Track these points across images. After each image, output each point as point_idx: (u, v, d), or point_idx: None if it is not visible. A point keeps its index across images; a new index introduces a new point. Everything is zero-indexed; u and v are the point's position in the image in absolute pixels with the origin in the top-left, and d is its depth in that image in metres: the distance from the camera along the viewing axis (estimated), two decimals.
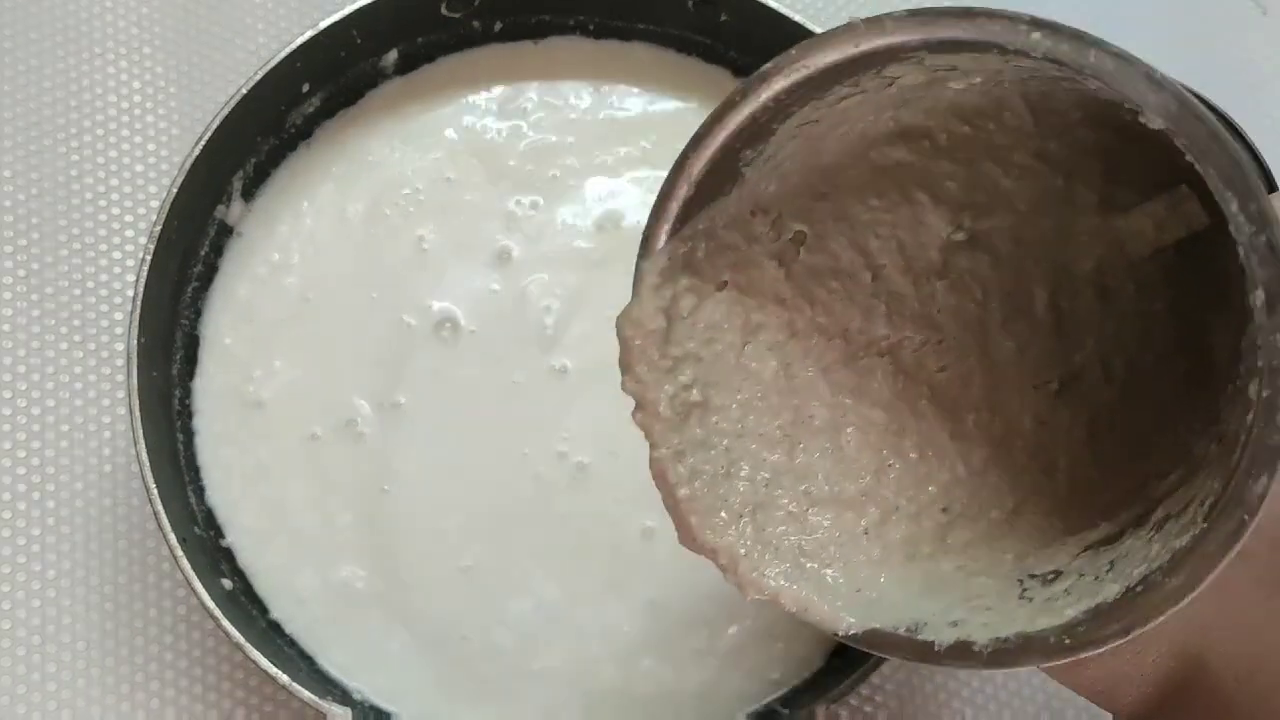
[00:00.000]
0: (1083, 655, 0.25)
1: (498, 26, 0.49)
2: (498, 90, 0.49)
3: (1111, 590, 0.25)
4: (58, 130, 0.50)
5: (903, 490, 0.32)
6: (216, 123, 0.43)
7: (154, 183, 0.50)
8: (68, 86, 0.51)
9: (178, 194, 0.42)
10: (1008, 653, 0.26)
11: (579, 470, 0.43)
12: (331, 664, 0.42)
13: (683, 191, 0.30)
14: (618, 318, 0.30)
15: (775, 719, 0.41)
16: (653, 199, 0.43)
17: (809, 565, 0.30)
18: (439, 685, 0.41)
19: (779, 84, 0.28)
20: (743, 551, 0.30)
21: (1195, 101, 0.24)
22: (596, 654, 0.42)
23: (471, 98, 0.49)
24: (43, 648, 0.44)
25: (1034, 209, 0.32)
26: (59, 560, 0.45)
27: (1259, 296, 0.23)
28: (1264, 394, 0.23)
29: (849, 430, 0.32)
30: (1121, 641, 0.24)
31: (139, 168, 0.50)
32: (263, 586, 0.42)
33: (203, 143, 0.43)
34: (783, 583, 0.29)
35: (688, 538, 0.30)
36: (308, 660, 0.42)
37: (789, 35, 0.46)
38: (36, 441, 0.46)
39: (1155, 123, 0.24)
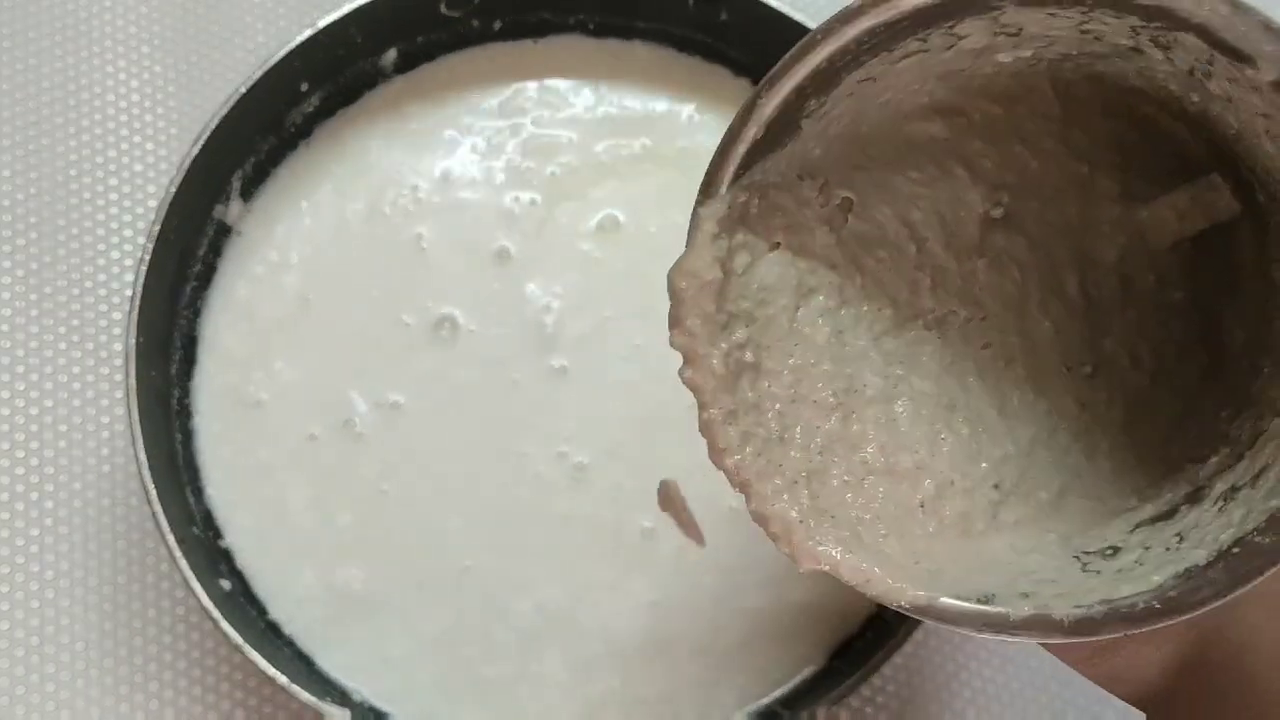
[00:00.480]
0: (1174, 620, 0.24)
1: (497, 25, 0.49)
2: (497, 89, 0.49)
3: (1199, 554, 0.25)
4: (56, 129, 0.50)
5: (956, 465, 0.31)
6: (215, 122, 0.43)
7: (153, 182, 0.50)
8: (66, 86, 0.51)
9: (176, 193, 0.42)
10: (1092, 621, 0.25)
11: (578, 470, 0.43)
12: (330, 665, 0.42)
13: (751, 133, 0.27)
14: (670, 270, 0.28)
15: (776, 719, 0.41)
16: (653, 197, 0.43)
17: (867, 536, 0.29)
18: (438, 686, 0.41)
19: (866, 22, 0.26)
20: (798, 519, 0.28)
21: None
22: (596, 654, 0.42)
23: (471, 97, 0.49)
24: (41, 648, 0.44)
25: (1060, 195, 0.31)
26: (57, 560, 0.45)
27: None
28: None
29: (901, 401, 0.31)
30: (1220, 603, 0.24)
31: (138, 167, 0.50)
32: (261, 587, 0.42)
33: (201, 142, 0.43)
34: (842, 552, 0.27)
35: (748, 504, 0.28)
36: (306, 661, 0.41)
37: (789, 34, 0.46)
38: (35, 441, 0.46)
39: (1269, 74, 0.24)
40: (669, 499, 0.42)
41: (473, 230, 0.46)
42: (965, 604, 0.26)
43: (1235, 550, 0.24)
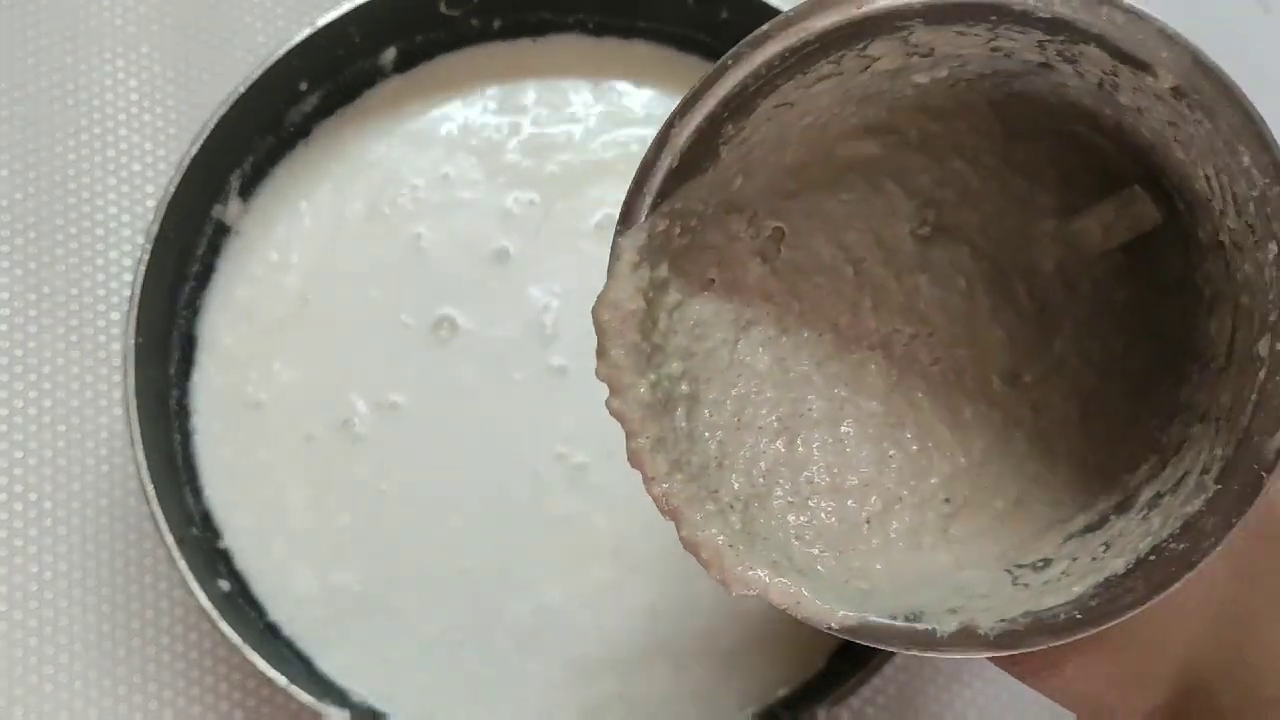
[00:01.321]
0: (1094, 630, 0.25)
1: (497, 24, 0.49)
2: (497, 88, 0.49)
3: (1118, 564, 0.25)
4: (55, 129, 0.50)
5: (904, 481, 0.31)
6: (214, 121, 0.43)
7: (151, 182, 0.50)
8: (65, 85, 0.51)
9: (175, 193, 0.42)
10: (1015, 634, 0.25)
11: (578, 471, 0.43)
12: (329, 666, 0.42)
13: (666, 162, 0.28)
14: (594, 304, 0.29)
15: None
16: None
17: (799, 557, 0.29)
18: (437, 687, 0.41)
19: (775, 47, 0.27)
20: (727, 544, 0.28)
21: (1207, 56, 0.24)
22: (596, 656, 0.42)
23: (470, 96, 0.48)
24: (39, 648, 0.43)
25: (1001, 209, 0.32)
26: (56, 561, 0.45)
27: (1272, 250, 0.23)
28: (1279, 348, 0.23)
29: (847, 422, 0.32)
30: (1136, 612, 0.24)
31: (136, 166, 0.50)
32: (260, 588, 0.42)
33: (200, 141, 0.43)
34: (771, 575, 0.28)
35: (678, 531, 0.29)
36: (305, 662, 0.41)
37: None
38: (34, 442, 0.46)
39: (1167, 80, 0.24)
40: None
41: (472, 230, 0.46)
42: (893, 622, 0.27)
43: (1151, 558, 0.25)
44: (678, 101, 0.28)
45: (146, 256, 0.41)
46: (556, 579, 0.42)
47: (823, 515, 0.30)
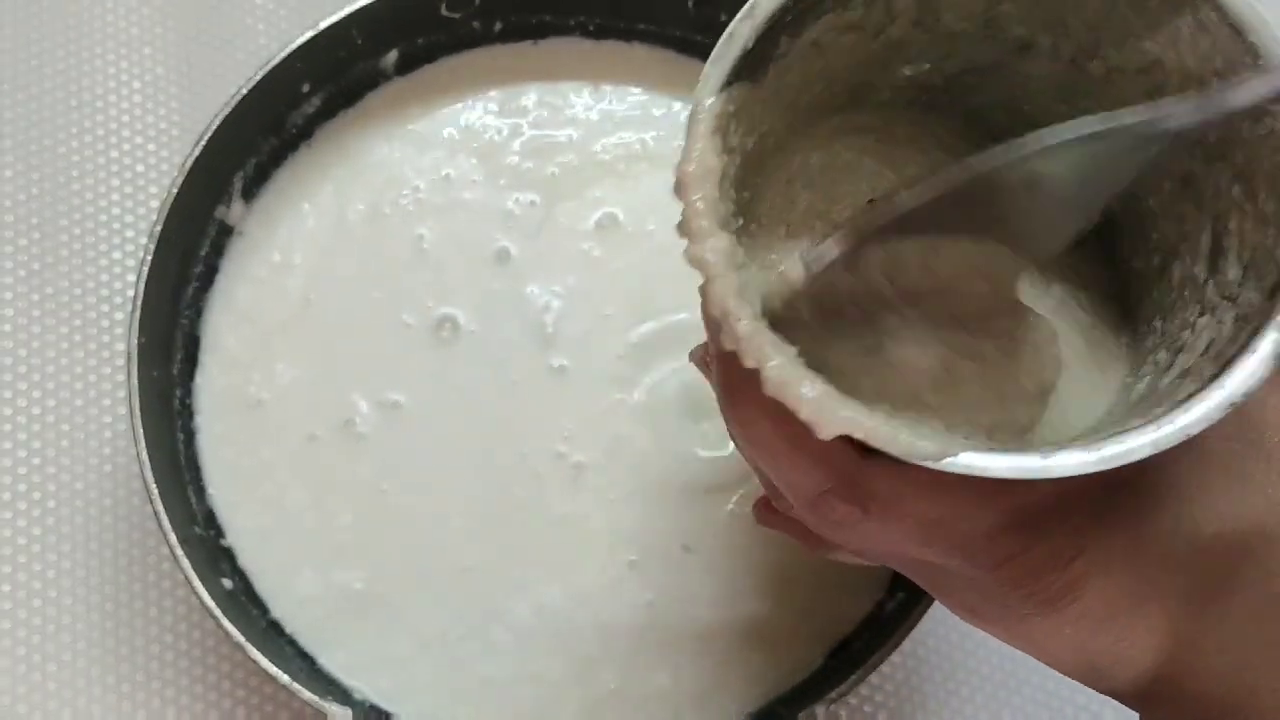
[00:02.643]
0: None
1: (498, 27, 0.49)
2: (498, 90, 0.49)
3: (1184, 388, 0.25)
4: (58, 130, 0.50)
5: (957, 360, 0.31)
6: (217, 123, 0.43)
7: (154, 183, 0.50)
8: (68, 87, 0.51)
9: (178, 194, 0.42)
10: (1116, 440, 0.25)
11: (577, 470, 0.43)
12: (332, 664, 0.42)
13: (743, 38, 0.28)
14: (678, 161, 0.28)
15: (775, 719, 0.41)
16: (651, 196, 0.44)
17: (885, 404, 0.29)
18: (439, 685, 0.42)
19: None
20: (822, 383, 0.26)
21: None
22: (595, 655, 0.42)
23: (471, 98, 0.49)
24: (43, 647, 0.44)
25: None
26: (59, 560, 0.45)
27: None
28: None
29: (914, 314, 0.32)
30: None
31: (139, 168, 0.50)
32: (263, 586, 0.42)
33: (203, 143, 0.43)
34: (864, 415, 0.26)
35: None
36: (308, 660, 0.42)
37: None
38: (37, 441, 0.46)
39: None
40: None
41: (473, 230, 0.46)
42: (997, 452, 0.25)
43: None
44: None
45: (149, 257, 0.41)
46: (556, 578, 0.42)
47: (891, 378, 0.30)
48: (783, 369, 0.26)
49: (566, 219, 0.47)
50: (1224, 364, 0.25)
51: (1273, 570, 0.26)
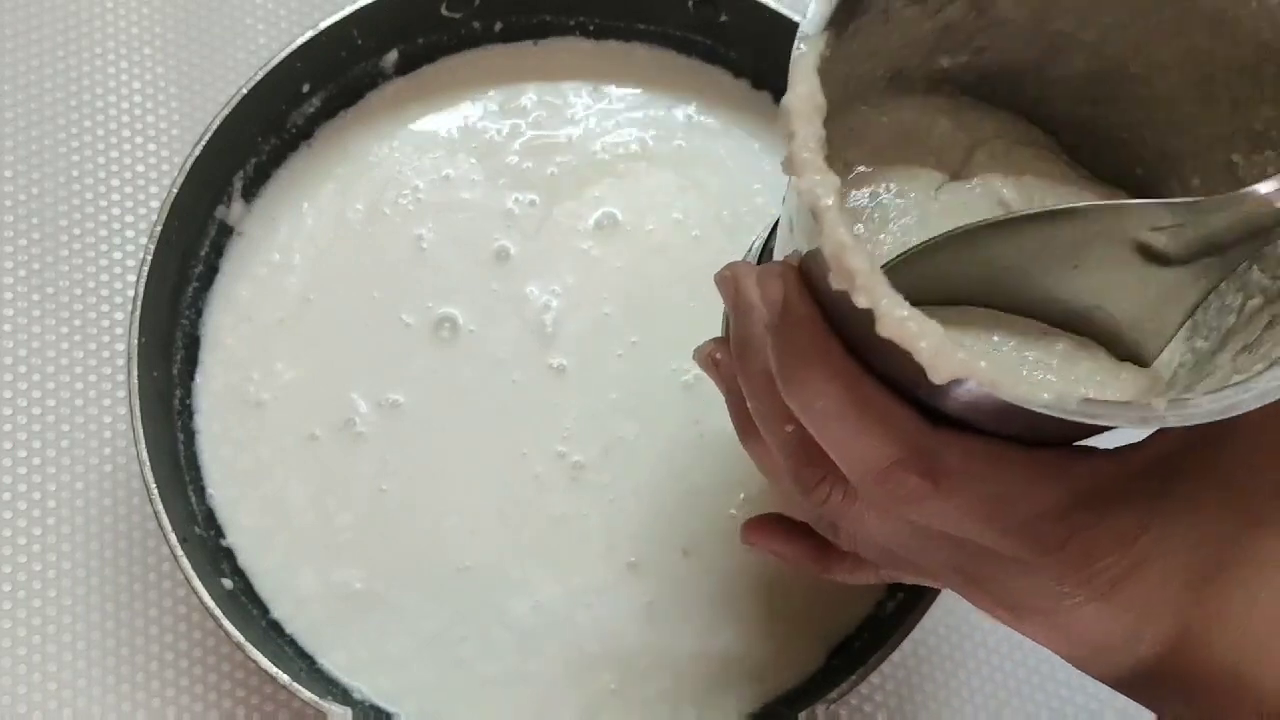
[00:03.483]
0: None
1: (498, 27, 0.49)
2: (497, 90, 0.49)
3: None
4: (58, 130, 0.50)
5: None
6: (217, 123, 0.43)
7: (155, 183, 0.50)
8: (68, 87, 0.51)
9: (178, 194, 0.42)
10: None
11: (577, 470, 0.43)
12: (332, 664, 0.42)
13: None
14: (784, 98, 0.28)
15: (775, 719, 0.41)
16: (650, 195, 0.44)
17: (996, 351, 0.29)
18: (438, 685, 0.42)
19: None
20: (939, 327, 0.26)
21: None
22: (595, 654, 0.42)
23: (472, 98, 0.49)
24: (44, 647, 0.44)
25: None
26: (59, 560, 0.45)
27: None
28: None
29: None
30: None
31: (140, 168, 0.50)
32: (263, 586, 0.42)
33: (203, 143, 0.43)
34: (977, 358, 0.25)
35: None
36: (308, 660, 0.42)
37: (789, 35, 0.46)
38: (37, 441, 0.46)
39: None
40: None
41: (473, 230, 0.46)
42: (1106, 398, 0.26)
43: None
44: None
45: (150, 257, 0.41)
46: (555, 577, 0.42)
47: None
48: (902, 305, 0.25)
49: (566, 219, 0.47)
50: None
51: None
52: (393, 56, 0.48)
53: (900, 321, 0.24)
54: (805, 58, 0.28)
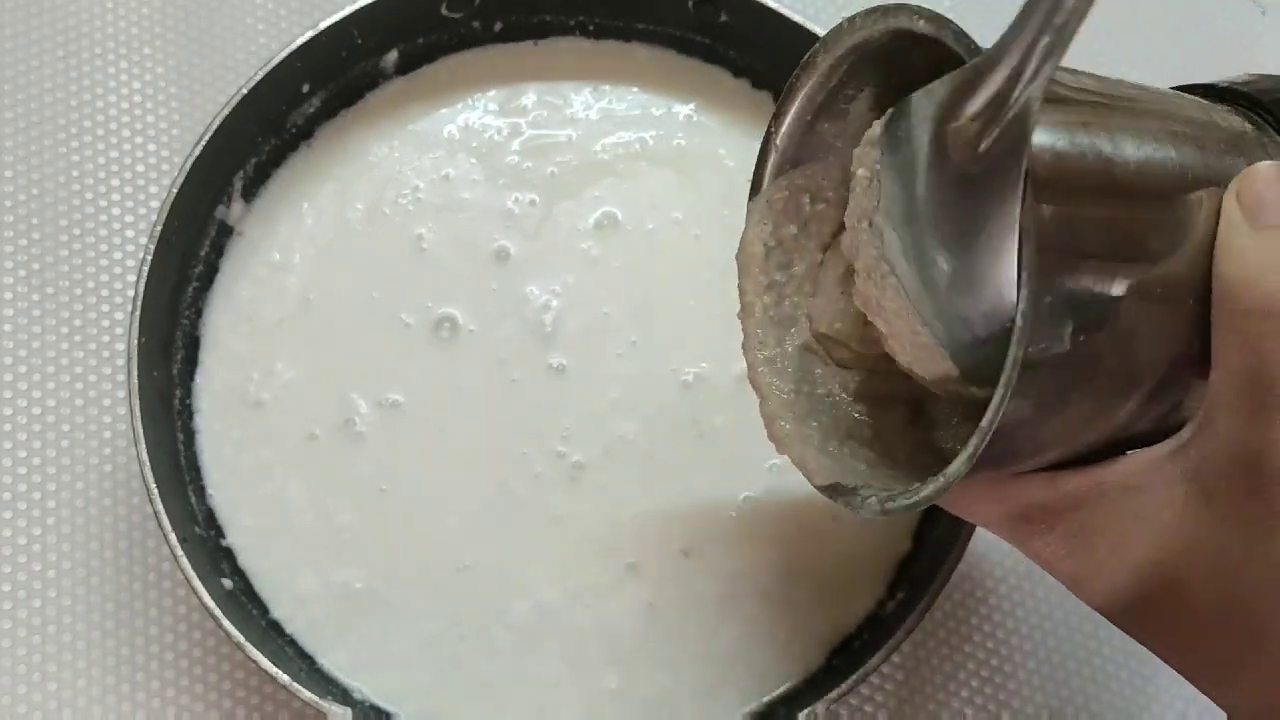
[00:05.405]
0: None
1: (498, 27, 0.49)
2: (497, 90, 0.49)
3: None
4: (58, 130, 0.50)
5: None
6: (217, 123, 0.43)
7: (154, 183, 0.50)
8: (68, 87, 0.51)
9: (178, 194, 0.42)
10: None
11: (577, 470, 0.43)
12: (332, 664, 0.42)
13: (773, 149, 0.35)
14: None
15: (775, 719, 0.41)
16: (650, 195, 0.46)
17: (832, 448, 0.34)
18: (438, 685, 0.41)
19: (823, 61, 0.32)
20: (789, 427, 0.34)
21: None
22: (595, 655, 0.42)
23: (472, 98, 0.49)
24: (43, 647, 0.44)
25: None
26: (59, 560, 0.45)
27: None
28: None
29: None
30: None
31: (139, 168, 0.50)
32: (263, 586, 0.42)
33: (203, 143, 0.43)
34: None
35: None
36: (308, 660, 0.42)
37: (789, 35, 0.46)
38: (37, 441, 0.46)
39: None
40: None
41: (473, 230, 0.46)
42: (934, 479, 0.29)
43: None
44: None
45: (149, 257, 0.41)
46: (556, 577, 0.42)
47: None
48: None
49: (566, 218, 0.47)
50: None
51: None
52: (393, 56, 0.48)
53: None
54: (747, 216, 0.35)
